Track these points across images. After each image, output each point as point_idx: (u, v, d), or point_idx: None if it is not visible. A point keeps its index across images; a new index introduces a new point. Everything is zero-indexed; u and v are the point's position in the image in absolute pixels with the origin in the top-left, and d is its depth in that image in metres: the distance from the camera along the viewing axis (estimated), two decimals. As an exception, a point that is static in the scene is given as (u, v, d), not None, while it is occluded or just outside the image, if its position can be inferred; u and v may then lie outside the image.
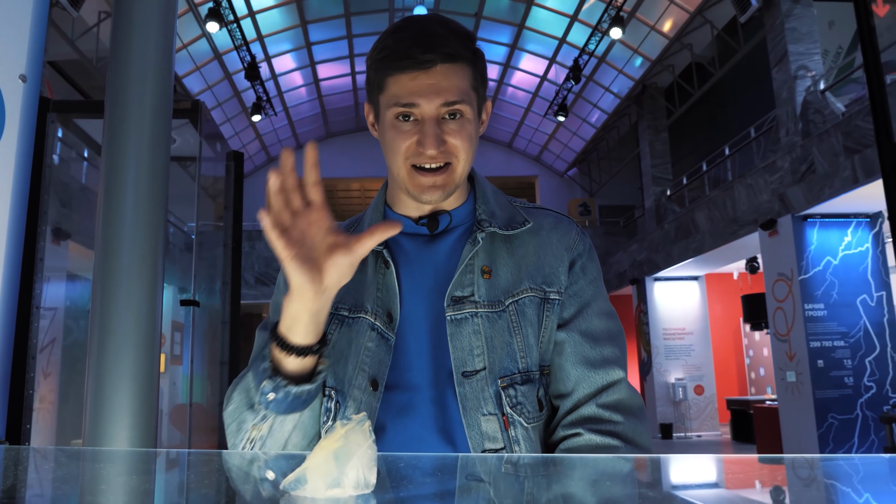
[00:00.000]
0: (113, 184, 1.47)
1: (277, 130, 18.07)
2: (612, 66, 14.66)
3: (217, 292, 2.88)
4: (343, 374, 1.00)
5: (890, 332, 8.44)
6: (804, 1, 9.58)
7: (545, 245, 1.05)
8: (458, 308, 0.98)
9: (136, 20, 1.53)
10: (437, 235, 1.04)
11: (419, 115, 0.94)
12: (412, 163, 0.96)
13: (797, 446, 8.44)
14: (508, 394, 0.96)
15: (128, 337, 1.39)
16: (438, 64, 0.93)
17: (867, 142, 7.40)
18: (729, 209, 10.36)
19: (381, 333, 0.99)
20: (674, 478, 0.71)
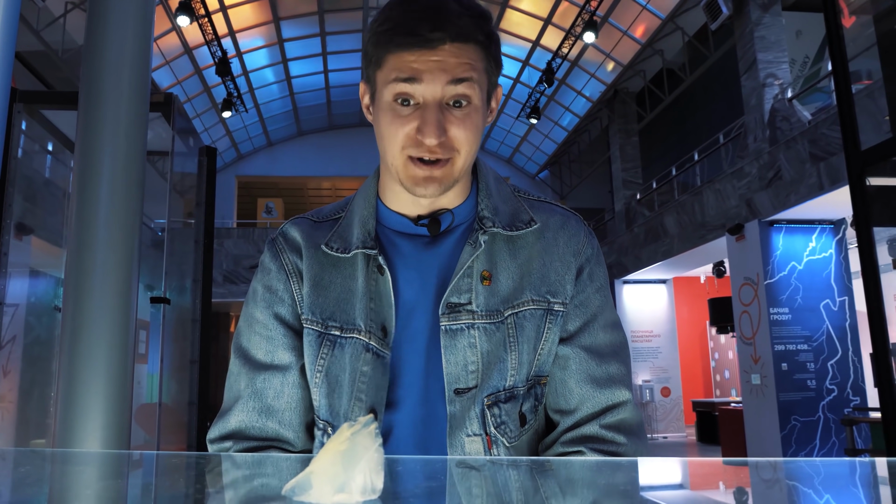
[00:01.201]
0: (87, 178, 1.42)
1: (248, 127, 17.87)
2: (584, 70, 14.77)
3: (187, 290, 2.81)
4: (338, 405, 0.90)
5: (851, 337, 8.63)
6: (773, 10, 9.75)
7: (551, 249, 0.95)
8: (453, 317, 0.89)
9: (112, 8, 1.48)
10: (437, 237, 0.94)
11: (420, 97, 0.83)
12: (409, 154, 0.85)
13: (761, 448, 8.58)
14: (493, 413, 0.89)
15: (101, 335, 1.34)
16: (447, 43, 0.81)
17: (832, 150, 7.56)
18: (697, 213, 10.50)
19: (376, 353, 0.89)
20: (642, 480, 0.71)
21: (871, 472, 0.68)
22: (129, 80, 1.48)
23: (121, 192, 1.44)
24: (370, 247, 0.92)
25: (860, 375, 8.55)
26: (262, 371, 0.93)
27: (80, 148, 1.44)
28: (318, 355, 0.91)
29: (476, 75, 0.84)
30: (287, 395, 0.92)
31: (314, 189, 22.61)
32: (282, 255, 0.97)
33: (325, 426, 0.91)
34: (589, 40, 12.09)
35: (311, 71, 16.50)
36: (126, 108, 1.44)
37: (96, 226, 1.40)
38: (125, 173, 1.43)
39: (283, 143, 19.85)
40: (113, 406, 1.32)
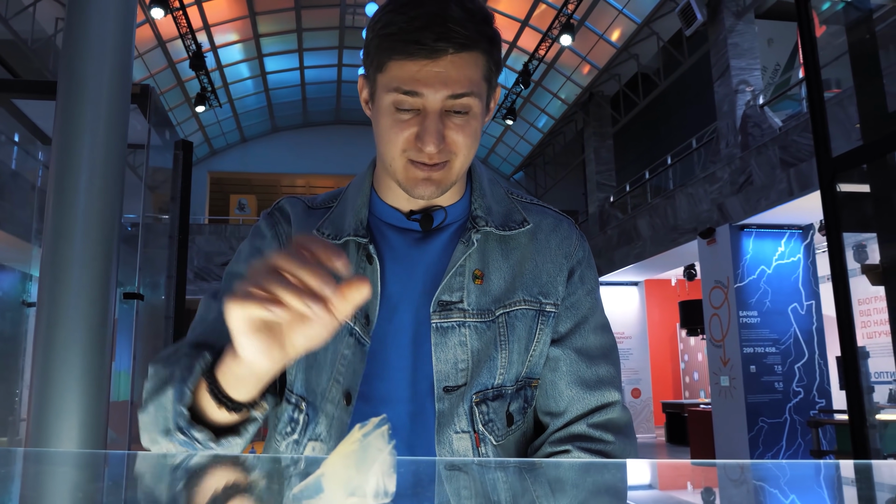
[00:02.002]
0: (65, 172, 1.38)
1: (221, 122, 17.67)
2: (560, 73, 14.86)
3: (161, 286, 2.76)
4: (316, 384, 0.90)
5: (818, 340, 8.81)
6: (747, 18, 9.90)
7: (543, 250, 0.96)
8: (444, 315, 0.90)
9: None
10: (430, 233, 0.94)
11: (421, 105, 0.83)
12: (409, 157, 0.85)
13: (729, 449, 8.71)
14: (481, 410, 0.90)
15: (78, 332, 1.31)
16: (450, 53, 0.81)
17: (803, 156, 7.70)
18: (670, 217, 10.63)
19: (358, 339, 0.89)
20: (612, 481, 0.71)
21: (836, 474, 0.70)
22: (110, 70, 1.44)
23: (100, 187, 1.40)
24: (361, 235, 0.92)
25: (826, 378, 8.72)
26: (216, 301, 0.91)
27: (58, 140, 1.40)
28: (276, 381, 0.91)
29: (477, 87, 0.84)
30: None
31: (288, 186, 22.45)
32: (278, 226, 0.98)
33: (299, 401, 0.91)
34: (566, 43, 12.17)
35: (287, 67, 16.37)
36: (107, 99, 1.40)
37: (74, 221, 1.36)
38: (105, 166, 1.39)
39: (257, 140, 19.68)
40: (89, 405, 1.29)
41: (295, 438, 0.91)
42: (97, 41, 1.41)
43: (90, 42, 1.37)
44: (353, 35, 15.44)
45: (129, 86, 1.48)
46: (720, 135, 9.89)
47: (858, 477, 0.67)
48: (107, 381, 1.39)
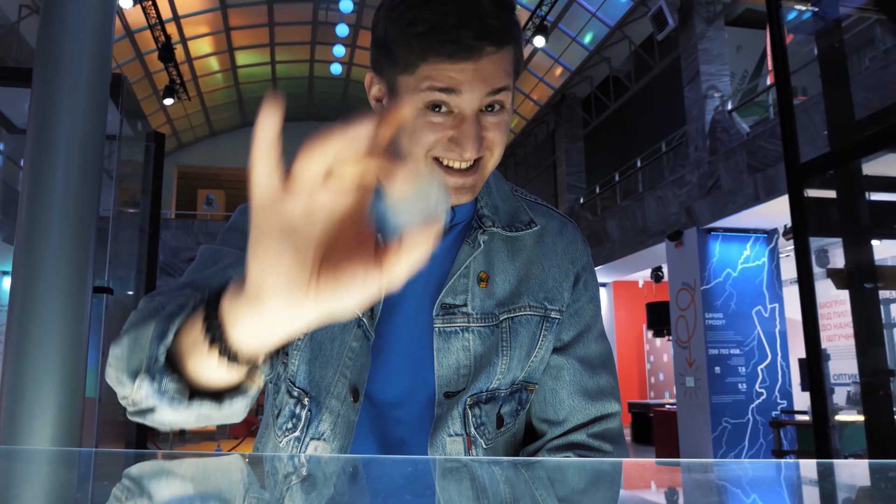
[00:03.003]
0: (40, 163, 1.33)
1: (190, 115, 17.43)
2: (533, 74, 14.94)
3: (130, 281, 2.70)
4: (321, 377, 0.86)
5: (780, 342, 8.99)
6: (717, 24, 10.06)
7: (550, 254, 0.93)
8: (448, 319, 0.87)
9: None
10: None
11: (456, 105, 0.77)
12: (435, 155, 0.79)
13: (693, 448, 8.85)
14: (474, 413, 0.88)
15: (53, 327, 1.27)
16: (487, 52, 0.75)
17: (769, 162, 7.85)
18: (639, 219, 10.75)
19: (365, 333, 0.86)
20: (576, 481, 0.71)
21: (797, 473, 0.71)
22: (89, 57, 1.39)
23: (77, 179, 1.35)
24: None
25: (787, 380, 8.91)
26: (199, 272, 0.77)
27: (34, 130, 1.35)
28: None
29: (510, 80, 0.80)
30: None
31: (257, 182, 22.21)
32: None
33: (302, 395, 0.86)
34: (539, 44, 12.23)
35: (258, 62, 16.20)
36: (85, 87, 1.35)
37: (49, 214, 1.32)
38: (82, 158, 1.35)
39: (226, 134, 19.44)
40: (63, 401, 1.25)
41: (296, 436, 0.87)
42: (75, 27, 1.36)
43: (68, 28, 1.33)
44: (325, 31, 15.33)
45: (109, 74, 1.43)
46: (689, 139, 10.03)
47: (821, 476, 0.68)
48: (82, 378, 1.35)
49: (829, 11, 3.82)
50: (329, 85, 17.95)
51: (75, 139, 1.33)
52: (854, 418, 6.30)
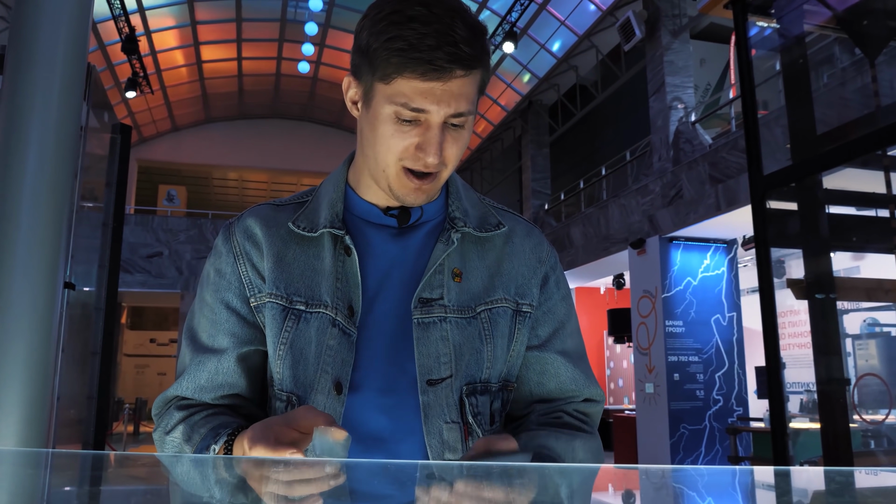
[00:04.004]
0: (11, 152, 1.28)
1: (152, 109, 17.09)
2: (501, 80, 15.02)
3: (92, 276, 2.62)
4: (304, 377, 0.92)
5: (737, 351, 9.17)
6: (682, 37, 10.24)
7: (518, 254, 1.01)
8: (426, 311, 0.93)
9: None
10: (405, 229, 0.98)
11: (424, 119, 0.87)
12: (405, 165, 0.89)
13: (651, 454, 8.97)
14: (471, 402, 0.93)
15: (22, 324, 1.21)
16: (457, 74, 0.85)
17: (731, 173, 8.01)
18: (602, 226, 10.87)
19: (343, 329, 0.92)
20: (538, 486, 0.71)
21: (751, 479, 0.73)
22: (64, 41, 1.34)
23: (50, 170, 1.29)
24: (338, 227, 0.94)
25: (744, 387, 9.09)
26: (201, 353, 0.96)
27: (5, 119, 1.29)
28: (283, 328, 0.93)
29: (474, 105, 0.89)
30: (222, 377, 0.95)
31: (220, 179, 21.89)
32: (232, 238, 1.00)
33: (290, 397, 0.93)
34: (508, 50, 12.30)
35: (224, 57, 15.97)
36: (60, 74, 1.30)
37: (19, 205, 1.26)
38: (56, 148, 1.29)
39: (189, 129, 19.11)
40: (32, 400, 1.19)
41: None
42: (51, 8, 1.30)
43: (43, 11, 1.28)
44: (294, 29, 15.19)
45: (84, 60, 1.38)
46: (653, 149, 10.18)
47: (779, 482, 0.69)
48: (51, 376, 1.30)
49: (791, 28, 3.91)
50: (296, 83, 17.79)
51: (48, 129, 1.28)
52: (807, 426, 6.46)
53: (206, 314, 0.99)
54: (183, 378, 0.97)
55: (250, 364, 0.97)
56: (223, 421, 0.89)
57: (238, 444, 0.82)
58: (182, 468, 0.78)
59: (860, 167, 3.63)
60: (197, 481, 0.67)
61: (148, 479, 0.70)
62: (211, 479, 0.67)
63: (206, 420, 0.91)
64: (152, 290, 14.91)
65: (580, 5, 12.09)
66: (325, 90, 17.82)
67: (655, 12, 10.31)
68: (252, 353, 0.97)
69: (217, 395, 0.95)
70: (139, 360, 21.65)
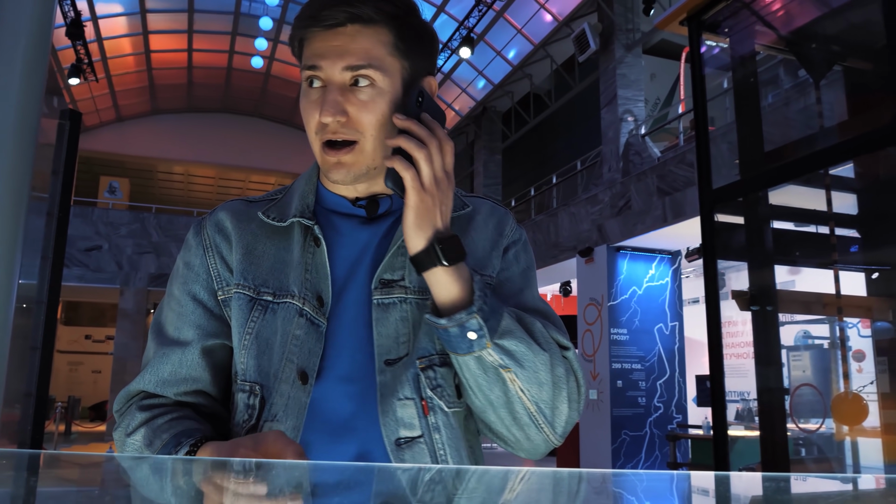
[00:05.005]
0: None
1: (96, 98, 16.56)
2: (456, 84, 15.08)
3: (34, 269, 2.49)
4: (269, 366, 0.90)
5: (678, 359, 9.40)
6: (635, 51, 10.47)
7: (480, 229, 0.99)
8: (386, 292, 0.91)
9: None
10: (375, 219, 0.96)
11: (324, 79, 0.86)
12: (321, 138, 0.87)
13: (593, 459, 9.11)
14: (427, 375, 0.90)
15: None
16: (347, 24, 0.84)
17: (678, 186, 8.21)
18: (552, 234, 11.01)
19: (311, 319, 0.90)
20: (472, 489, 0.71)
21: (687, 484, 0.74)
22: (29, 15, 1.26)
23: (10, 158, 1.21)
24: (308, 217, 0.93)
25: (683, 395, 9.32)
26: (165, 346, 0.95)
27: None
28: (249, 318, 0.92)
29: (378, 61, 0.85)
30: (185, 370, 0.93)
31: (165, 172, 21.33)
32: (202, 231, 0.99)
33: (253, 387, 0.91)
34: (465, 55, 12.36)
35: (174, 47, 15.59)
36: (24, 49, 1.22)
37: None
38: (16, 134, 1.22)
39: (134, 120, 18.58)
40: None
41: (252, 424, 0.90)
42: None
43: None
44: (248, 23, 14.94)
45: (49, 38, 1.30)
46: (604, 159, 10.37)
47: (719, 487, 0.70)
48: (3, 374, 1.23)
49: (743, 47, 4.03)
50: (248, 78, 17.49)
51: (8, 113, 1.21)
52: (743, 433, 6.66)
53: (173, 307, 0.97)
54: (146, 371, 0.95)
55: (216, 359, 0.95)
56: (186, 427, 0.87)
57: None
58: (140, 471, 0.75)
59: (803, 185, 3.76)
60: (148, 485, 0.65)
61: (80, 481, 0.68)
62: (155, 482, 0.65)
63: (169, 425, 0.88)
64: (90, 284, 14.42)
65: (537, 15, 12.24)
66: (278, 87, 17.57)
67: (610, 26, 10.51)
68: (217, 347, 0.95)
69: (180, 389, 0.93)
70: (73, 357, 20.92)
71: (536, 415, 0.87)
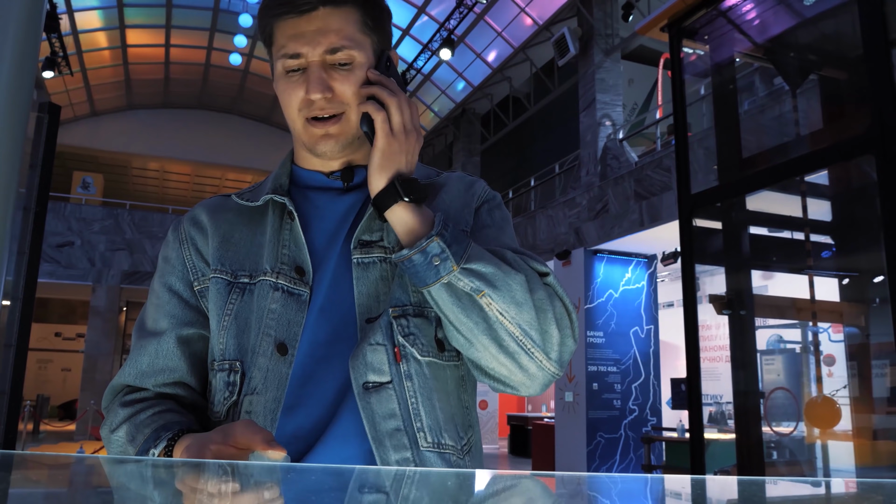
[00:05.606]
0: None
1: (70, 92, 16.29)
2: (435, 86, 15.08)
3: (11, 263, 2.44)
4: (246, 342, 0.92)
5: (654, 362, 9.49)
6: (614, 56, 10.56)
7: (454, 194, 1.01)
8: (365, 251, 0.93)
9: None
10: (351, 189, 0.99)
11: (305, 63, 0.90)
12: (305, 115, 0.91)
13: (568, 461, 9.15)
14: (400, 323, 0.90)
15: None
16: (319, 7, 0.89)
17: (655, 191, 8.29)
18: (529, 236, 11.05)
19: (289, 291, 0.92)
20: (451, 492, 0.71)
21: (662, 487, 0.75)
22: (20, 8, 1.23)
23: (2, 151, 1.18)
24: (280, 194, 0.96)
25: (658, 398, 9.41)
26: (143, 338, 0.97)
27: None
28: (227, 301, 0.94)
29: (353, 40, 0.90)
30: (162, 360, 0.95)
31: (139, 168, 21.05)
32: (179, 227, 1.02)
33: (233, 364, 0.92)
34: (445, 57, 12.37)
35: (151, 42, 15.40)
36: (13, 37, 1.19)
37: None
38: (9, 127, 1.19)
39: (109, 115, 18.32)
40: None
41: (233, 400, 0.91)
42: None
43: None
44: (227, 19, 14.81)
45: (40, 30, 1.27)
46: (582, 163, 10.44)
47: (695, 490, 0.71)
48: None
49: (722, 54, 4.08)
50: (226, 75, 17.33)
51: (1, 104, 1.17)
52: (717, 436, 6.74)
53: (153, 300, 1.00)
54: (126, 364, 0.97)
55: (193, 349, 0.96)
56: (167, 421, 0.88)
57: (176, 454, 0.82)
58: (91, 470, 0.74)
59: (780, 191, 3.82)
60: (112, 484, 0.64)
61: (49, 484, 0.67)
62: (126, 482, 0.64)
63: (150, 419, 0.89)
64: (61, 280, 14.17)
65: (517, 18, 12.29)
66: (256, 84, 17.43)
67: (589, 30, 10.59)
68: (194, 336, 0.96)
69: (158, 380, 0.95)
70: (42, 355, 20.56)
71: (523, 339, 0.84)
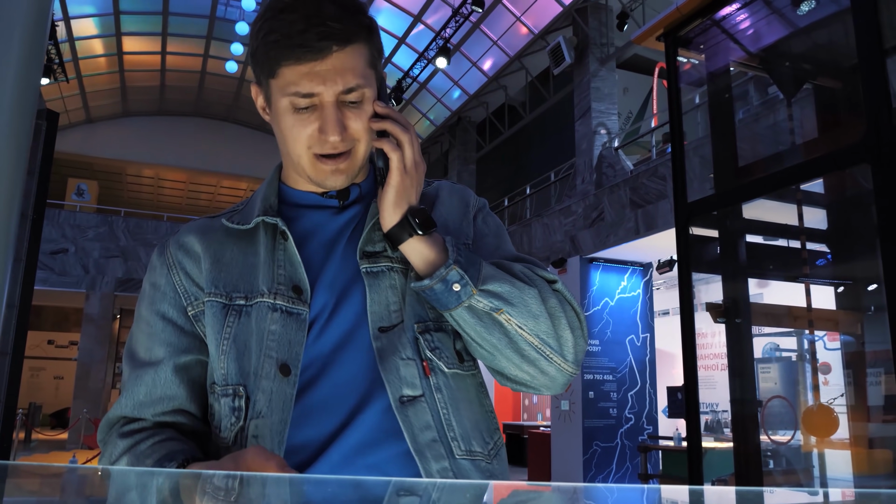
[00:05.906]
0: None
1: (66, 99, 16.27)
2: (431, 94, 15.11)
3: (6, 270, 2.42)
4: (248, 365, 0.91)
5: (650, 370, 9.48)
6: (609, 65, 10.60)
7: (447, 203, 1.04)
8: (373, 261, 0.95)
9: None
10: (346, 207, 1.00)
11: (317, 101, 0.89)
12: (315, 151, 0.91)
13: (564, 470, 9.13)
14: (426, 338, 0.93)
15: None
16: (334, 50, 0.88)
17: (650, 199, 8.32)
18: (525, 244, 11.06)
19: (288, 311, 0.92)
20: None
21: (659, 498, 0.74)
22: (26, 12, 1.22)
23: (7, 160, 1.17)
24: (271, 215, 0.96)
25: (654, 406, 9.40)
26: (138, 368, 0.95)
27: None
28: (225, 324, 0.93)
29: (364, 76, 0.90)
30: (160, 389, 0.93)
31: (134, 176, 21.01)
32: (166, 251, 1.01)
33: (237, 389, 0.91)
34: (441, 65, 12.40)
35: (147, 50, 15.41)
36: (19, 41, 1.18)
37: None
38: (14, 134, 1.18)
39: (104, 122, 18.29)
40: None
41: (240, 425, 0.90)
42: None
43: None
44: (223, 27, 14.83)
45: (47, 28, 1.26)
46: (577, 171, 10.46)
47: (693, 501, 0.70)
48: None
49: (713, 64, 4.10)
50: (222, 82, 17.33)
51: (4, 111, 1.16)
52: (713, 445, 6.73)
53: (143, 329, 0.98)
54: (122, 396, 0.95)
55: (191, 375, 0.95)
56: (169, 450, 0.87)
57: None
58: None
59: (776, 199, 3.83)
60: None
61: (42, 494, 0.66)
62: None
63: (151, 450, 0.88)
64: (54, 288, 14.10)
65: (513, 27, 12.34)
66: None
67: (585, 39, 10.64)
68: (191, 363, 0.95)
69: (157, 409, 0.93)
70: (34, 363, 20.42)
71: (542, 347, 0.91)
